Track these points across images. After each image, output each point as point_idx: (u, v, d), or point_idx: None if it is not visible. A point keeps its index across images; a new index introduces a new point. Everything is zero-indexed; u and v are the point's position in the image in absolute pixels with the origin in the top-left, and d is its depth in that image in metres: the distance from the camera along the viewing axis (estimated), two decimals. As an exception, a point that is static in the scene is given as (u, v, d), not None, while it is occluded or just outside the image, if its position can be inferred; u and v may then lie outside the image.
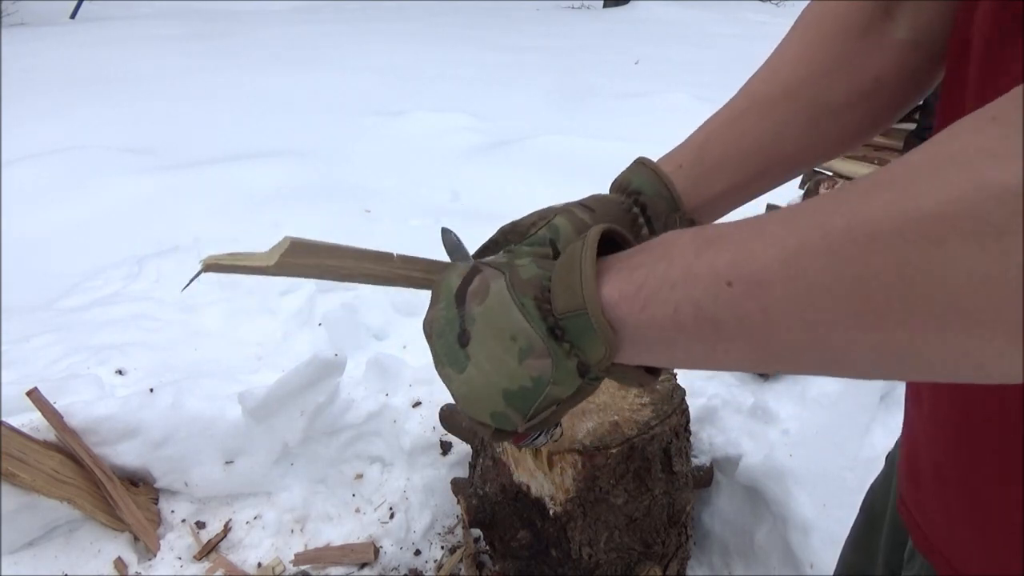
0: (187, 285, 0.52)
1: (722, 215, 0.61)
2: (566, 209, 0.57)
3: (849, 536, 0.81)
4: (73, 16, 9.76)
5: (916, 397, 0.55)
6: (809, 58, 0.58)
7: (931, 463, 0.52)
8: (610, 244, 0.47)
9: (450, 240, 0.58)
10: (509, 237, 0.59)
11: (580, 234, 0.54)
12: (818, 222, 0.33)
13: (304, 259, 0.49)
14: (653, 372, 0.47)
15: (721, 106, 0.62)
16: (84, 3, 9.88)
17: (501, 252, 0.56)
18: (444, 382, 0.48)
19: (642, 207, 0.59)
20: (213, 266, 0.47)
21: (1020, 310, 0.27)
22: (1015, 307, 0.27)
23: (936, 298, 0.29)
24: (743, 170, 0.59)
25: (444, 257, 0.59)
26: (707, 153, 0.59)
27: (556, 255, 0.54)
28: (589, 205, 0.58)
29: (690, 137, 0.61)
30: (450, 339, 0.47)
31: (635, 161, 0.61)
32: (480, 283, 0.47)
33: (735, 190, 0.60)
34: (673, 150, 0.61)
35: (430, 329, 0.49)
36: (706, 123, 0.61)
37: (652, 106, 4.95)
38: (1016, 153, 0.27)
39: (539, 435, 0.52)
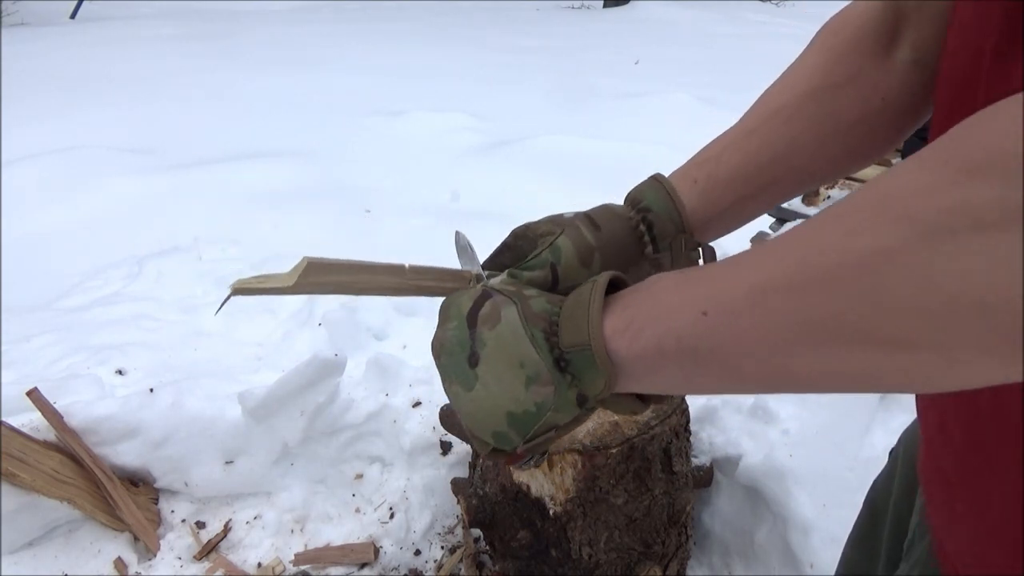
0: (219, 309, 0.57)
1: (732, 226, 0.64)
2: (573, 224, 0.60)
3: (851, 533, 0.81)
4: (73, 16, 9.76)
5: (923, 402, 0.55)
6: (822, 72, 0.61)
7: (938, 472, 0.53)
8: (615, 282, 0.51)
9: (461, 243, 0.61)
10: (520, 242, 0.61)
11: (581, 255, 0.58)
12: (779, 257, 0.36)
13: (321, 277, 0.52)
14: (644, 400, 0.50)
15: (735, 122, 0.63)
16: (84, 3, 9.87)
17: (506, 273, 0.58)
18: (450, 399, 0.51)
19: (649, 225, 0.61)
20: (241, 290, 0.52)
21: (952, 336, 0.30)
22: (948, 333, 0.30)
23: (879, 325, 0.32)
24: (755, 182, 0.61)
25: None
26: (722, 166, 0.61)
27: (555, 278, 0.58)
28: (596, 221, 0.60)
29: (707, 148, 0.63)
30: (460, 358, 0.50)
31: (651, 177, 0.63)
32: (491, 309, 0.50)
33: (745, 201, 0.62)
34: (690, 163, 0.63)
35: (439, 348, 0.51)
36: (724, 135, 0.63)
37: (652, 106, 4.94)
38: (936, 190, 0.30)
39: (529, 459, 0.56)
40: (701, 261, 0.62)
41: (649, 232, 0.60)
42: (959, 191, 0.29)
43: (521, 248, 0.61)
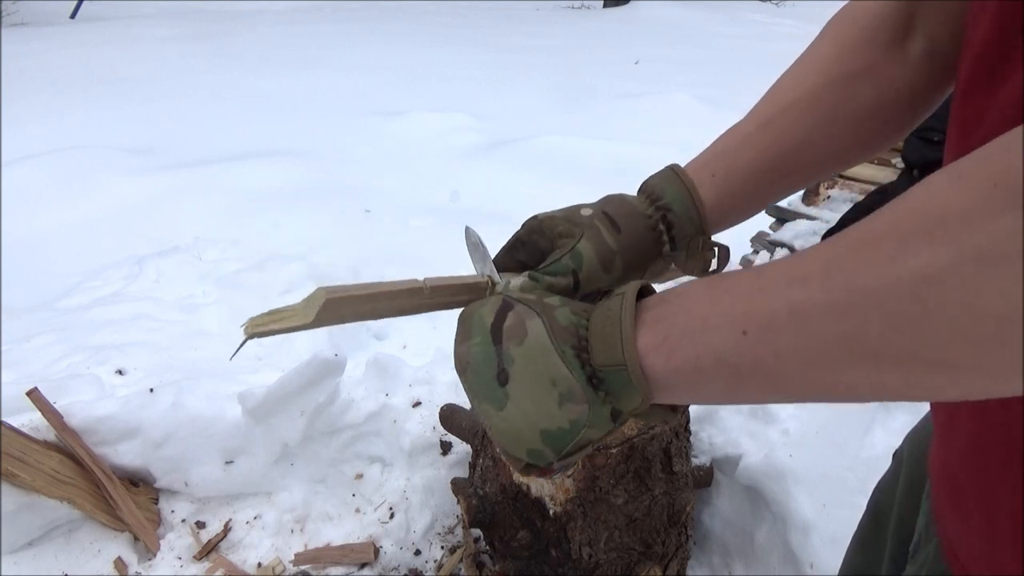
0: (235, 353, 0.54)
1: (741, 219, 0.64)
2: (592, 226, 0.58)
3: (855, 536, 0.81)
4: (73, 16, 9.76)
5: (937, 406, 0.55)
6: (837, 63, 0.60)
7: (946, 469, 0.53)
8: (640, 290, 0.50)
9: (472, 240, 0.60)
10: (535, 237, 0.60)
11: (603, 261, 0.57)
12: (822, 276, 0.36)
13: (340, 309, 0.50)
14: (675, 409, 0.50)
15: (749, 111, 0.63)
16: (84, 3, 9.88)
17: (525, 275, 0.56)
18: (481, 417, 0.50)
19: (668, 225, 0.60)
20: (256, 332, 0.49)
21: (997, 359, 0.31)
22: (993, 356, 0.31)
23: (921, 347, 0.33)
24: (768, 176, 0.61)
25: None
26: (740, 160, 0.61)
27: (577, 285, 0.56)
28: (615, 219, 0.59)
29: (723, 139, 0.62)
30: (487, 376, 0.48)
31: (668, 168, 0.62)
32: (515, 321, 0.48)
33: (760, 193, 0.62)
34: (707, 155, 0.62)
35: (465, 364, 0.49)
36: (739, 126, 0.62)
37: (652, 106, 4.95)
38: (985, 214, 0.29)
39: (561, 469, 0.56)
40: (715, 261, 0.63)
41: (668, 231, 0.60)
42: (1011, 216, 0.29)
43: (536, 244, 0.60)
